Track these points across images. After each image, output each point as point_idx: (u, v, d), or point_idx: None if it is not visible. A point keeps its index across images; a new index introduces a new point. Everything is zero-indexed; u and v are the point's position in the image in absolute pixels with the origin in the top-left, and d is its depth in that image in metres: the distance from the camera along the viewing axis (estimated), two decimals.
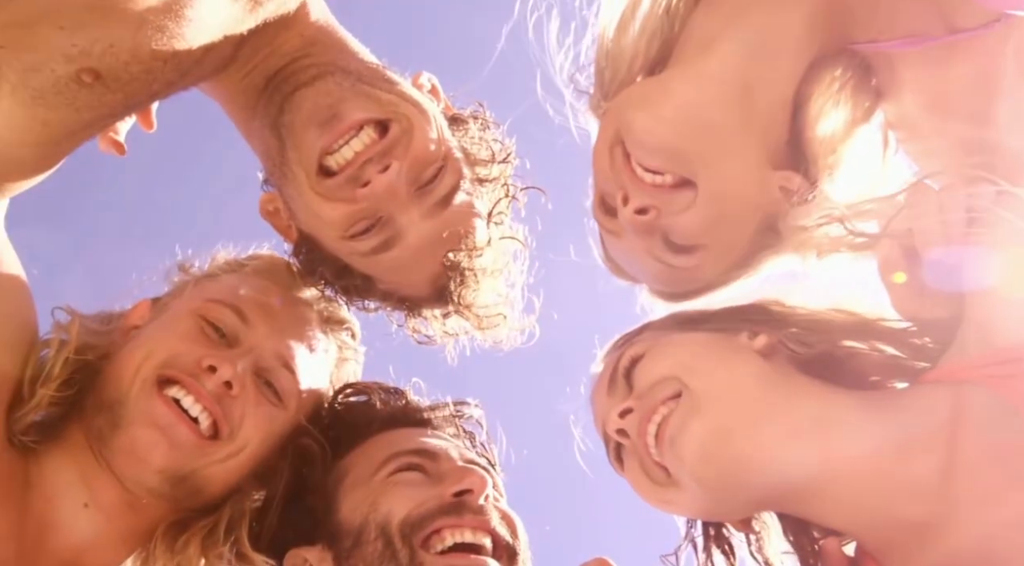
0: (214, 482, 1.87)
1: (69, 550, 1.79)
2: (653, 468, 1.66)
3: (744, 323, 1.77)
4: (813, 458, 1.56)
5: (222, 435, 1.84)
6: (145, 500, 1.83)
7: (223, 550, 1.90)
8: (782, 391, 1.62)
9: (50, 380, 1.83)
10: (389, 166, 1.83)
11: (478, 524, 1.83)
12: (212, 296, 1.98)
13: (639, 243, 1.75)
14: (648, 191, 1.68)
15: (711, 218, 1.67)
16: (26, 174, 1.71)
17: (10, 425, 1.82)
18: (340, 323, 2.17)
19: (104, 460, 1.81)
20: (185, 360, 1.84)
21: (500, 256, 2.08)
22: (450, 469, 1.91)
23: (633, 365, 1.72)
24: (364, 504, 1.86)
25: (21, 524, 1.74)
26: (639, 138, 1.67)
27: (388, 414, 2.09)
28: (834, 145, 1.65)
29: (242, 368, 1.85)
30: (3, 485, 1.75)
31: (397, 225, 1.90)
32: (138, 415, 1.79)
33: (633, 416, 1.66)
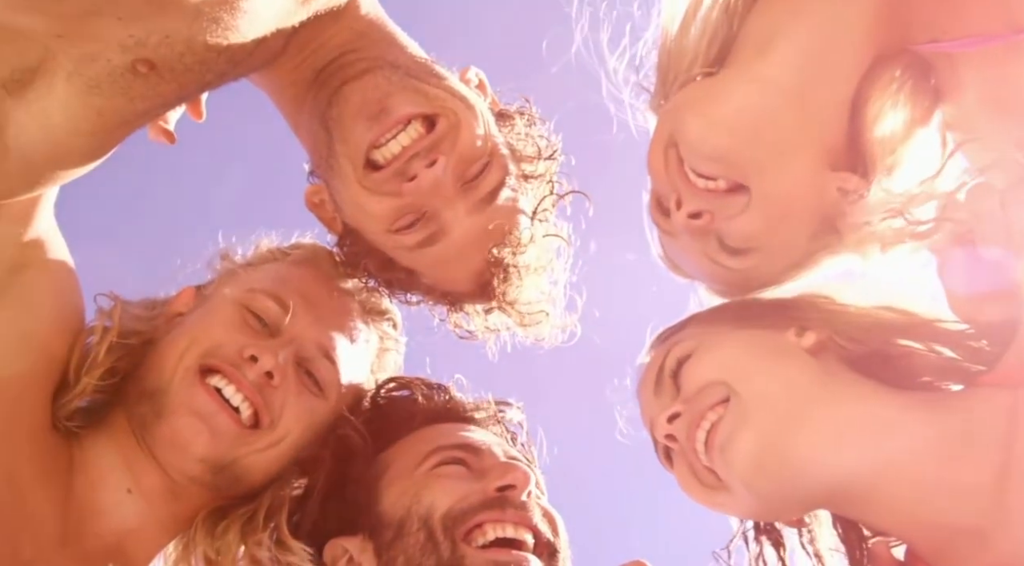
0: (254, 471, 1.89)
1: (112, 534, 1.81)
2: (703, 472, 1.66)
3: (791, 319, 1.74)
4: (865, 462, 1.55)
5: (263, 425, 1.85)
6: (186, 487, 1.85)
7: (262, 537, 1.91)
8: (832, 393, 1.61)
9: (95, 367, 1.86)
10: (435, 161, 1.82)
11: (520, 519, 1.83)
12: (254, 286, 1.99)
13: (694, 245, 1.75)
14: (701, 195, 1.68)
15: (765, 222, 1.67)
16: (78, 162, 1.72)
17: (55, 411, 1.84)
18: (381, 313, 2.18)
19: (147, 447, 1.83)
20: (227, 350, 1.85)
21: (544, 253, 2.07)
22: (493, 465, 1.92)
23: (680, 365, 1.72)
24: (407, 496, 1.86)
25: (65, 508, 1.77)
26: (692, 145, 1.66)
27: (431, 409, 2.09)
28: (893, 146, 1.63)
29: (283, 358, 1.86)
30: (48, 469, 1.78)
31: (442, 220, 1.90)
32: (180, 404, 1.81)
33: (681, 421, 1.66)
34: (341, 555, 1.90)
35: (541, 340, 2.17)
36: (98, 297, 1.96)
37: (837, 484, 1.58)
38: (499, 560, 1.77)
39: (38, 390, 1.82)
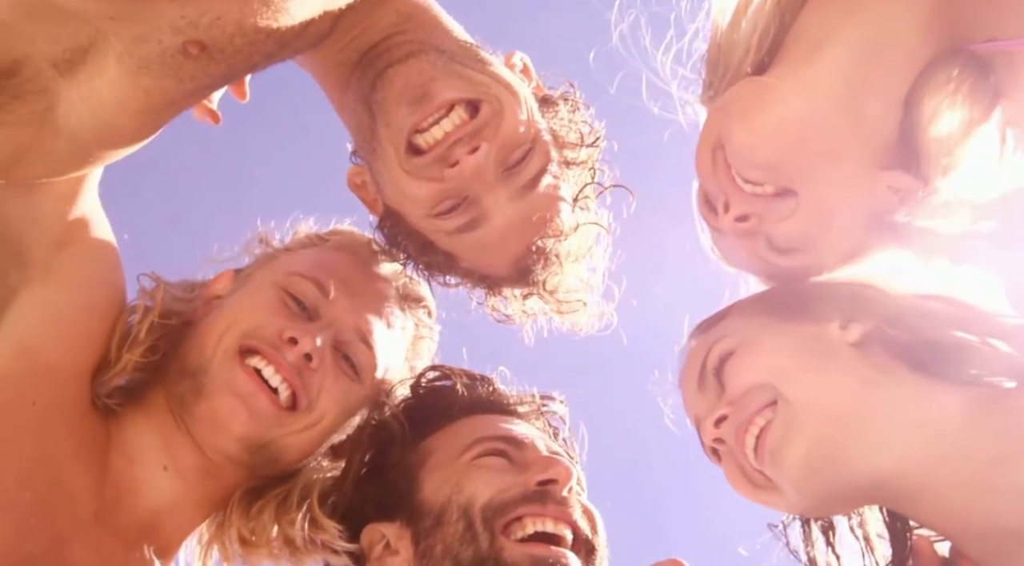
0: (290, 451, 1.90)
1: (148, 511, 1.83)
2: (752, 473, 1.66)
3: (835, 310, 1.71)
4: (916, 464, 1.54)
5: (300, 406, 1.86)
6: (223, 466, 1.86)
7: (295, 517, 1.93)
8: (882, 393, 1.59)
9: (136, 345, 1.87)
10: (478, 148, 1.82)
11: (560, 515, 1.82)
12: (294, 269, 2.00)
13: (742, 243, 1.75)
14: (748, 200, 1.67)
15: (814, 225, 1.66)
16: (125, 142, 1.73)
17: (94, 388, 1.86)
18: (418, 301, 2.18)
19: (185, 426, 1.84)
20: (267, 331, 1.86)
21: (583, 241, 2.06)
22: (535, 458, 1.91)
23: (722, 362, 1.70)
24: (448, 485, 1.86)
25: (101, 484, 1.78)
26: (737, 153, 1.65)
27: (473, 399, 2.09)
28: (951, 146, 1.60)
29: (322, 341, 1.87)
30: (86, 445, 1.80)
31: (483, 206, 1.90)
32: (220, 384, 1.82)
33: (729, 424, 1.65)
34: (378, 540, 1.91)
35: (577, 328, 2.17)
36: (141, 277, 1.98)
37: (887, 485, 1.57)
38: (537, 554, 1.76)
39: (78, 367, 1.84)
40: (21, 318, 1.81)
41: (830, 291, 1.78)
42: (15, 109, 1.58)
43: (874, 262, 1.78)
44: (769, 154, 1.62)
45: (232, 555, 1.97)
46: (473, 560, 1.76)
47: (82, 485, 1.74)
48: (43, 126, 1.63)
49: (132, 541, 1.78)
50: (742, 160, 1.65)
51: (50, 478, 1.69)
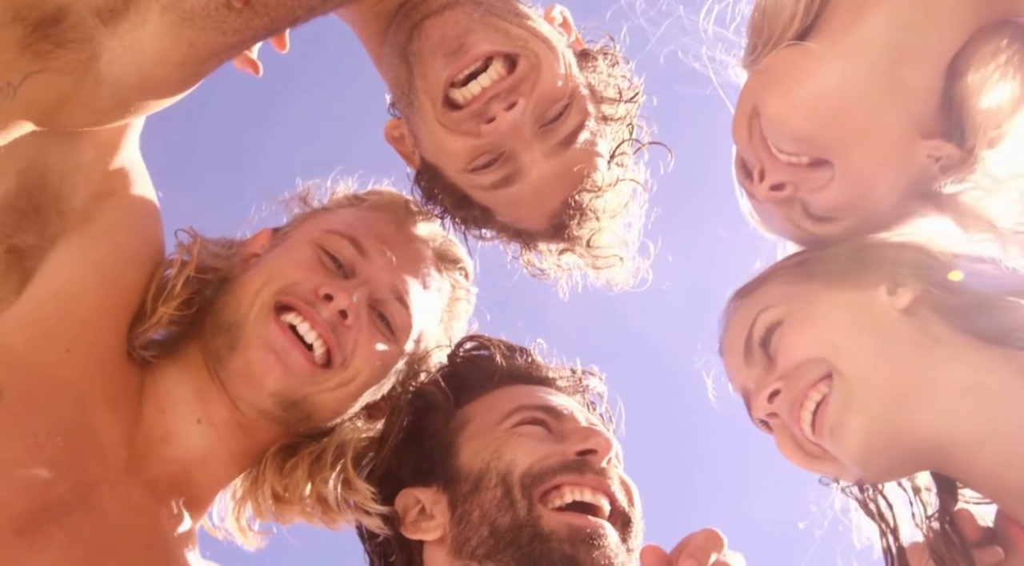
0: (324, 409, 1.90)
1: (179, 463, 1.84)
2: (807, 445, 1.66)
3: (880, 274, 1.69)
4: (971, 432, 1.54)
5: (335, 364, 1.86)
6: (257, 421, 1.86)
7: (329, 475, 1.93)
8: (936, 360, 1.59)
9: (171, 298, 1.88)
10: (515, 104, 1.81)
11: (598, 485, 1.81)
12: (331, 227, 1.99)
13: (778, 210, 1.74)
14: (783, 169, 1.66)
15: (850, 194, 1.65)
16: (167, 92, 1.73)
17: (131, 339, 1.87)
18: (455, 262, 2.17)
19: (219, 380, 1.85)
20: (303, 288, 1.86)
21: (620, 197, 2.04)
22: (574, 429, 1.91)
23: (769, 334, 1.69)
24: (487, 451, 1.86)
25: (133, 434, 1.79)
26: (772, 124, 1.64)
27: (512, 369, 2.09)
28: (999, 119, 1.56)
29: (357, 299, 1.86)
30: (118, 395, 1.80)
31: (519, 162, 1.89)
32: (255, 338, 1.82)
33: (783, 400, 1.64)
34: (413, 505, 1.91)
35: (613, 284, 2.16)
36: (178, 232, 1.99)
37: (943, 451, 1.57)
38: (575, 524, 1.75)
39: (113, 317, 1.85)
40: (58, 266, 1.83)
41: (874, 254, 1.75)
42: (58, 56, 1.58)
43: (914, 228, 1.77)
44: (804, 127, 1.61)
45: (265, 511, 1.98)
46: (510, 526, 1.76)
47: (113, 434, 1.75)
48: (86, 75, 1.63)
49: (162, 492, 1.80)
50: (776, 132, 1.63)
51: (81, 425, 1.71)
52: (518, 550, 1.74)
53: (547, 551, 1.72)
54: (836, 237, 1.75)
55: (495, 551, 1.76)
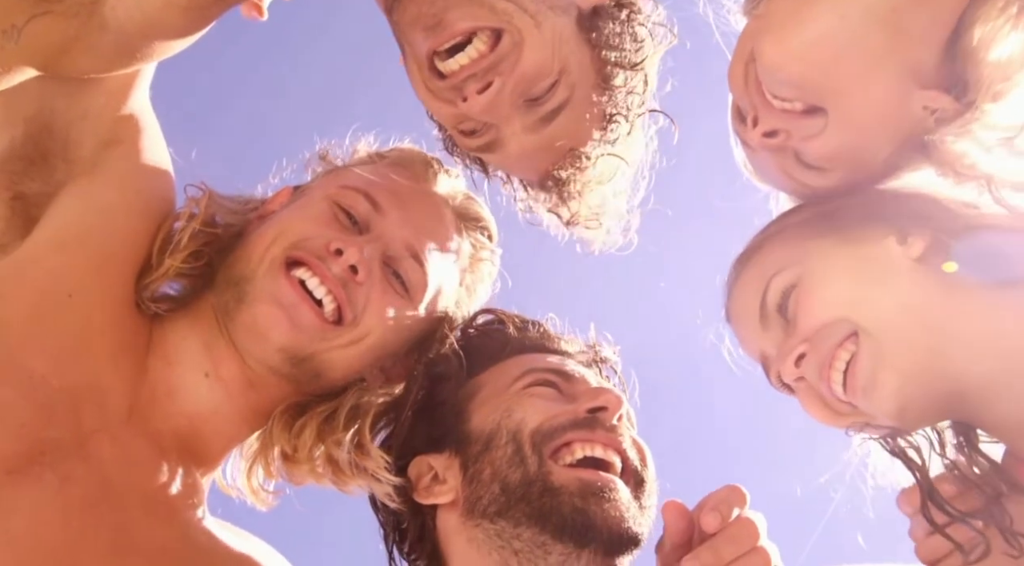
0: (334, 367, 1.85)
1: (185, 417, 1.80)
2: (836, 403, 1.62)
3: (887, 224, 1.66)
4: (997, 373, 1.53)
5: (345, 321, 1.81)
6: (265, 378, 1.82)
7: (342, 437, 1.89)
8: (955, 305, 1.56)
9: (178, 251, 1.85)
10: (490, 84, 1.76)
11: (609, 441, 1.80)
12: (347, 183, 1.95)
13: (772, 159, 1.72)
14: (777, 115, 1.62)
15: (843, 143, 1.62)
16: (172, 36, 1.70)
17: (139, 290, 1.84)
18: (476, 221, 2.11)
19: (228, 334, 1.81)
20: (314, 243, 1.82)
21: (609, 168, 1.99)
22: (585, 389, 1.90)
23: (785, 298, 1.65)
24: (497, 412, 1.84)
25: (136, 385, 1.76)
26: (767, 70, 1.60)
27: (524, 339, 2.06)
28: (1008, 72, 1.51)
29: (369, 254, 1.81)
30: (123, 344, 1.77)
31: (500, 133, 1.86)
32: (263, 292, 1.78)
33: (810, 362, 1.61)
34: (426, 471, 1.89)
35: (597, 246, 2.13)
36: (188, 187, 1.96)
37: (967, 398, 1.56)
38: (585, 478, 1.74)
39: (119, 265, 1.82)
40: (63, 211, 1.81)
41: (878, 206, 1.72)
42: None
43: (912, 179, 1.73)
44: (799, 72, 1.57)
45: (275, 471, 1.94)
46: (521, 483, 1.74)
47: (116, 383, 1.72)
48: (90, 19, 1.61)
49: (167, 446, 1.76)
50: (771, 77, 1.59)
51: (81, 371, 1.68)
52: (529, 505, 1.72)
53: (557, 505, 1.71)
54: (830, 188, 1.72)
55: (506, 508, 1.75)
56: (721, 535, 1.60)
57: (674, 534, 1.66)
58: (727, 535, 1.60)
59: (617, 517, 1.71)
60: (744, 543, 1.59)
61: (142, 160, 1.88)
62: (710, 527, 1.60)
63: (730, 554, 1.58)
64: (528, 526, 1.72)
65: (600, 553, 1.71)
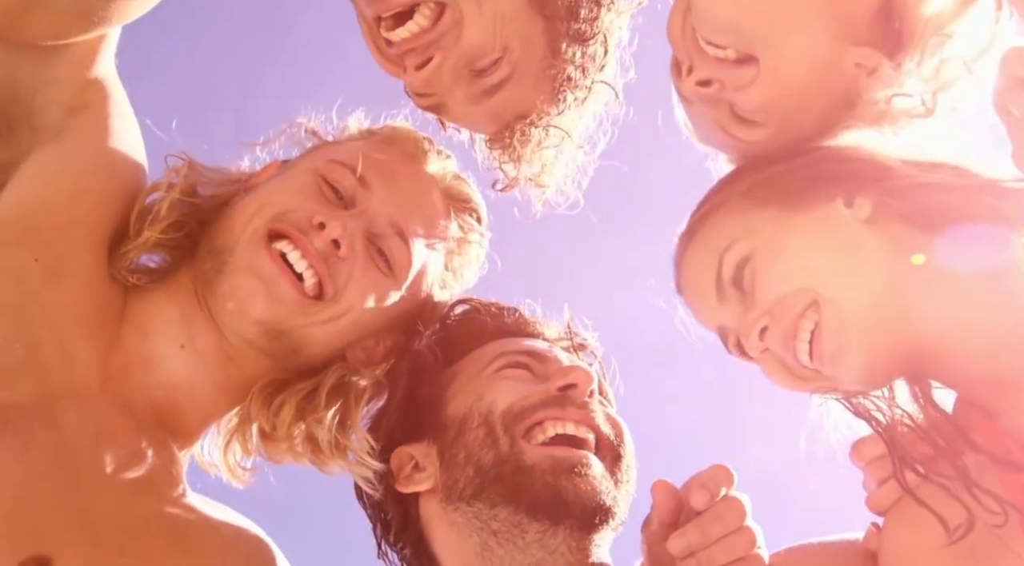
0: (313, 343, 1.82)
1: (160, 389, 1.76)
2: (801, 370, 1.62)
3: (833, 187, 1.64)
4: (956, 330, 1.55)
5: (326, 296, 1.78)
6: (243, 352, 1.79)
7: (323, 416, 1.85)
8: (909, 264, 1.56)
9: (157, 221, 1.82)
10: (429, 60, 1.77)
11: (581, 418, 1.80)
12: (335, 157, 1.92)
13: (707, 113, 1.72)
14: (711, 64, 1.63)
15: (775, 95, 1.63)
16: None
17: (115, 260, 1.81)
18: (465, 202, 2.07)
19: (207, 306, 1.78)
20: (297, 216, 1.79)
21: (555, 136, 1.98)
22: (557, 370, 1.89)
23: (739, 271, 1.64)
24: (470, 396, 1.85)
25: (108, 353, 1.73)
26: (699, 14, 1.61)
27: (500, 325, 2.06)
28: (941, 24, 1.54)
29: (352, 229, 1.78)
30: (93, 313, 1.74)
31: (443, 99, 1.88)
32: (243, 264, 1.75)
33: (774, 334, 1.60)
34: (407, 462, 1.89)
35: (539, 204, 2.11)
36: (168, 157, 1.92)
37: (931, 354, 1.58)
38: (557, 455, 1.74)
39: (87, 229, 1.78)
40: (28, 177, 1.77)
41: (819, 169, 1.70)
42: None
43: (848, 139, 1.74)
44: (728, 16, 1.58)
45: (252, 448, 1.91)
46: (494, 463, 1.75)
47: (86, 350, 1.68)
48: None
49: (142, 417, 1.72)
50: (704, 20, 1.61)
51: (47, 336, 1.64)
52: (502, 485, 1.74)
53: (530, 483, 1.72)
54: (763, 144, 1.71)
55: (481, 489, 1.76)
56: (709, 513, 1.60)
57: (662, 512, 1.65)
58: (714, 513, 1.60)
59: (589, 492, 1.71)
60: (731, 522, 1.60)
61: (109, 125, 1.84)
62: (698, 504, 1.60)
63: (717, 532, 1.58)
64: (504, 506, 1.73)
65: (576, 528, 1.72)
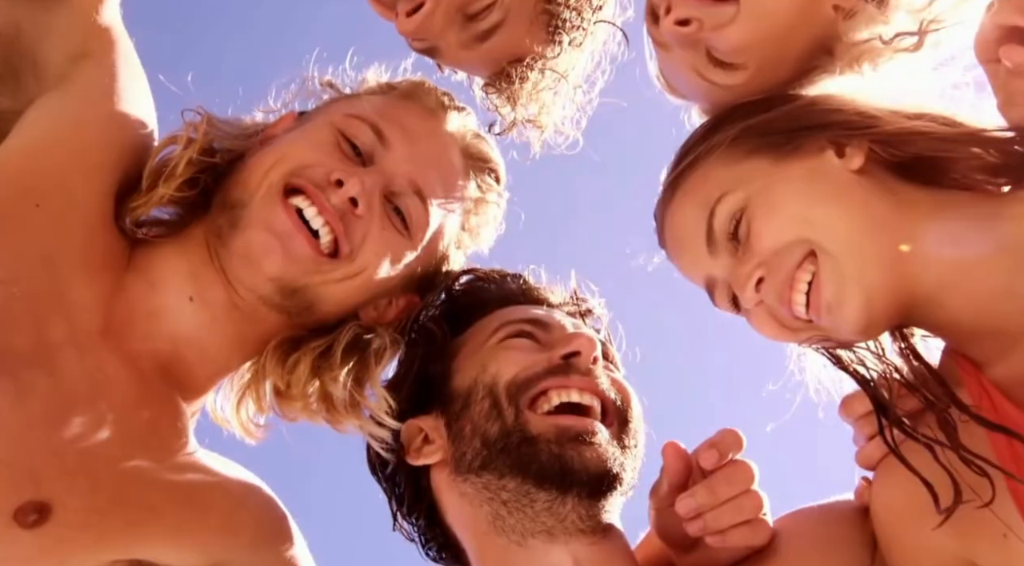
0: (327, 301, 1.79)
1: (166, 340, 1.74)
2: (793, 322, 1.62)
3: (820, 134, 1.64)
4: (948, 277, 1.55)
5: (342, 254, 1.75)
6: (255, 308, 1.76)
7: (339, 374, 1.83)
8: (908, 217, 1.57)
9: (172, 178, 1.77)
10: (421, 5, 1.78)
11: (585, 385, 1.78)
12: (354, 111, 1.88)
13: (684, 57, 1.70)
14: (690, 2, 1.62)
15: (753, 35, 1.61)
16: None
17: (122, 214, 1.77)
18: (484, 162, 2.04)
19: (219, 261, 1.75)
20: (315, 172, 1.75)
21: (544, 80, 1.98)
22: (561, 337, 1.86)
23: (733, 222, 1.62)
24: (474, 368, 1.84)
25: (111, 302, 1.69)
26: None
27: (505, 293, 2.04)
28: None
29: (370, 187, 1.75)
30: (99, 261, 1.71)
31: (436, 43, 1.89)
32: (258, 219, 1.72)
33: (769, 285, 1.60)
34: (416, 434, 1.88)
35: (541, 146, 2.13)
36: (185, 111, 1.87)
37: (920, 304, 1.58)
38: (562, 424, 1.73)
39: (92, 177, 1.74)
40: (31, 122, 1.74)
41: (805, 116, 1.69)
42: None
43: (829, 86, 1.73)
44: None
45: (266, 405, 1.89)
46: (500, 435, 1.75)
47: (87, 298, 1.65)
48: None
49: (146, 368, 1.70)
50: None
51: (47, 281, 1.61)
52: (509, 456, 1.73)
53: (536, 453, 1.71)
54: (741, 89, 1.70)
55: (488, 461, 1.75)
56: (717, 475, 1.64)
57: (672, 473, 1.69)
58: (723, 475, 1.64)
59: (595, 459, 1.71)
60: (739, 485, 1.64)
61: (114, 73, 1.81)
62: (708, 464, 1.64)
63: (725, 494, 1.62)
64: (512, 477, 1.72)
65: (584, 495, 1.71)
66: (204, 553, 1.68)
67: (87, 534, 1.50)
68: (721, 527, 1.64)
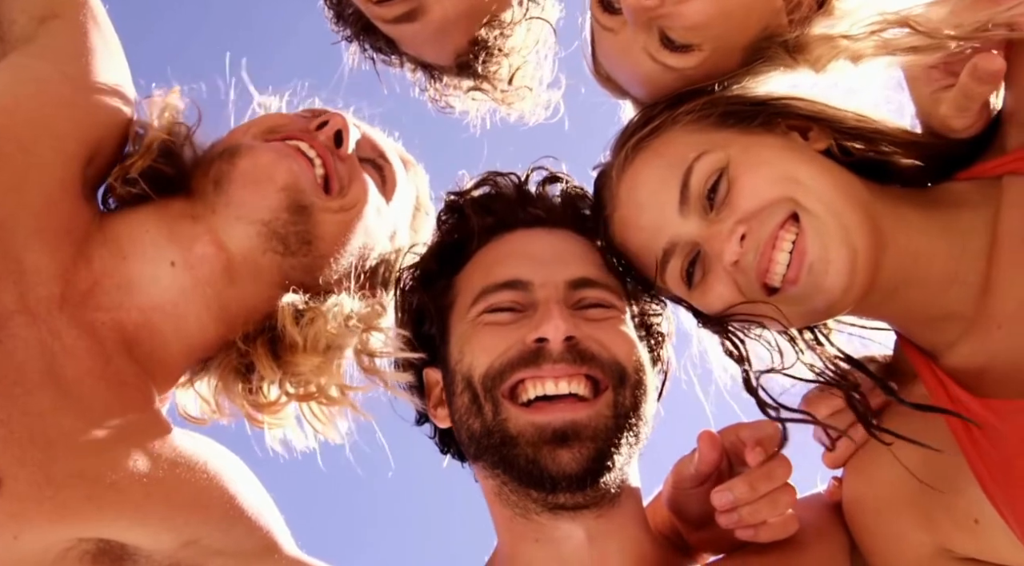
0: (325, 234, 1.74)
1: (138, 310, 1.63)
2: (756, 291, 1.59)
3: (783, 118, 1.67)
4: (906, 261, 1.57)
5: (332, 189, 1.76)
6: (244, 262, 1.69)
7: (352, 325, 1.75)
8: (874, 195, 1.60)
9: (148, 153, 1.74)
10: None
11: (560, 372, 1.67)
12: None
13: (636, 39, 1.67)
14: None
15: (714, 12, 1.60)
16: None
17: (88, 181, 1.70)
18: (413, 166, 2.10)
19: (210, 215, 1.68)
20: (291, 126, 1.82)
21: (529, 33, 2.02)
22: (543, 297, 1.74)
23: (712, 179, 1.60)
24: (456, 349, 1.79)
25: (72, 272, 1.58)
26: None
27: (486, 226, 1.91)
28: None
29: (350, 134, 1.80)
30: (59, 227, 1.60)
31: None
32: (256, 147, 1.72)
33: (750, 243, 1.57)
34: (435, 384, 1.87)
35: (522, 117, 2.13)
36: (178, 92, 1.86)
37: (891, 284, 1.58)
38: (538, 423, 1.65)
39: (55, 141, 1.65)
40: None
41: (767, 101, 1.70)
42: None
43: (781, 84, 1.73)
44: None
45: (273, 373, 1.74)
46: (482, 432, 1.71)
47: (44, 265, 1.55)
48: None
49: (109, 342, 1.58)
50: None
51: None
52: (494, 454, 1.70)
53: (515, 456, 1.66)
54: (691, 73, 1.68)
55: (479, 453, 1.74)
56: (759, 471, 1.61)
57: (706, 464, 1.67)
58: (765, 471, 1.62)
59: (571, 461, 1.63)
60: (778, 480, 1.62)
61: (83, 35, 1.77)
62: (754, 462, 1.62)
63: (764, 489, 1.61)
64: (501, 470, 1.70)
65: (574, 489, 1.65)
66: (173, 531, 1.54)
67: (41, 508, 1.41)
68: (756, 521, 1.62)
